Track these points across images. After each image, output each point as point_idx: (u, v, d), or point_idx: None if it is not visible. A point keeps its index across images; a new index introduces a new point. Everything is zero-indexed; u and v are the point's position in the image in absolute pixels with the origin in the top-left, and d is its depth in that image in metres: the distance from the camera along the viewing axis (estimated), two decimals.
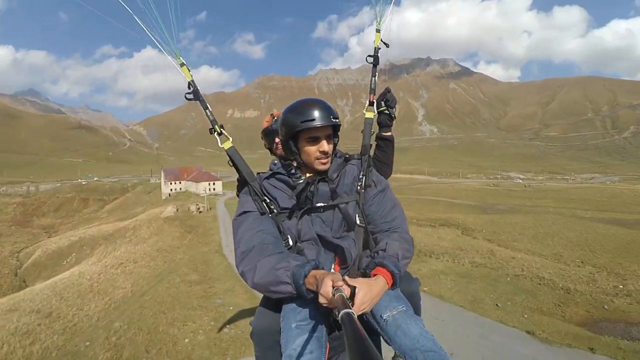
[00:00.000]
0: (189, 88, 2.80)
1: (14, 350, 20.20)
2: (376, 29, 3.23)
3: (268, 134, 3.51)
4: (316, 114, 2.27)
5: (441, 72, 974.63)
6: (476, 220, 39.28)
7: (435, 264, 21.36)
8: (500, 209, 51.18)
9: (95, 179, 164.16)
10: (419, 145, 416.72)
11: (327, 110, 2.33)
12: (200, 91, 2.82)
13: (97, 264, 39.87)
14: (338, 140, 2.57)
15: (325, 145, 2.35)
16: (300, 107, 2.35)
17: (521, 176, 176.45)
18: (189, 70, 2.82)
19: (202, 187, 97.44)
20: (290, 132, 2.35)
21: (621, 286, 19.64)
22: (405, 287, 2.27)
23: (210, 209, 63.05)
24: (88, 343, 18.34)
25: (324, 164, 2.39)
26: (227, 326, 15.71)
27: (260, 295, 2.27)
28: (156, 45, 2.75)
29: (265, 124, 3.42)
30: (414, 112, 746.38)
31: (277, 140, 3.49)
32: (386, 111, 3.20)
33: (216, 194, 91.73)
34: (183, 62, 2.83)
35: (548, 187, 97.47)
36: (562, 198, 64.85)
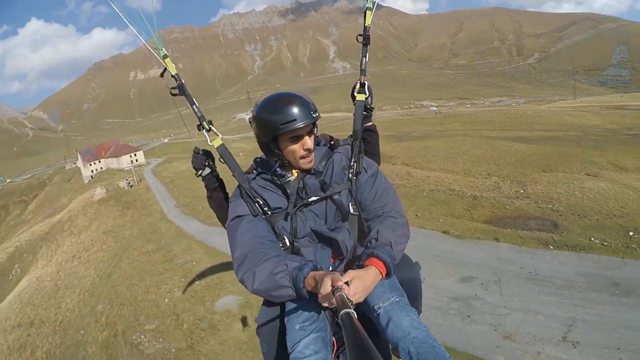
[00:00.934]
0: (176, 81, 2.75)
1: None
2: (367, 7, 3.03)
3: None
4: (297, 112, 2.20)
5: (350, 8, 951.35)
6: (394, 148, 42.01)
7: None
8: (415, 136, 54.58)
9: (8, 180, 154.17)
10: (333, 83, 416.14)
11: (307, 106, 2.26)
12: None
13: (49, 265, 39.09)
14: (317, 131, 2.50)
15: (308, 143, 2.30)
16: (278, 106, 2.27)
17: (433, 104, 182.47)
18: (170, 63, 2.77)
19: (125, 161, 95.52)
20: (271, 134, 2.28)
21: (522, 190, 22.61)
22: (405, 274, 2.36)
23: (140, 180, 62.11)
24: (82, 332, 19.81)
25: (310, 161, 2.36)
26: (197, 279, 17.01)
27: None
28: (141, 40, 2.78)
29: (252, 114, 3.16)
30: (325, 50, 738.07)
31: None
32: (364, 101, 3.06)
33: (140, 165, 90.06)
34: (166, 54, 2.75)
35: (457, 112, 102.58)
36: (470, 121, 69.00)
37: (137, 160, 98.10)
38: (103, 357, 17.32)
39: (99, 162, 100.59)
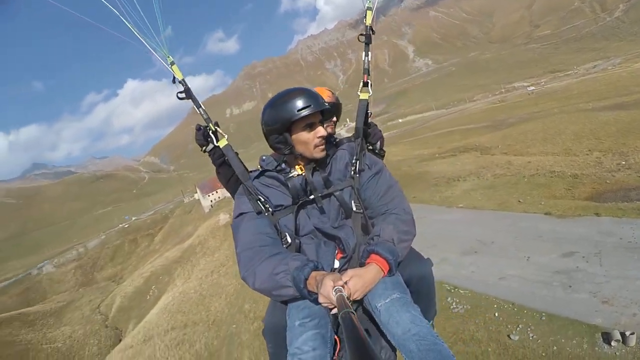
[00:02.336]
0: (182, 86, 2.84)
1: (183, 356, 24.13)
2: (367, 7, 3.04)
3: None
4: (308, 100, 2.26)
5: (417, 4, 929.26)
6: (491, 138, 41.52)
7: (464, 185, 24.24)
8: (510, 122, 52.87)
9: (133, 218, 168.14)
10: (418, 83, 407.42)
11: (316, 95, 2.34)
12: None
13: (190, 281, 42.52)
14: (325, 115, 2.54)
15: (322, 130, 2.34)
16: (291, 97, 2.31)
17: (526, 84, 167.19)
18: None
19: None
20: (286, 124, 2.31)
21: (623, 162, 22.44)
22: (415, 270, 2.33)
23: None
24: (234, 325, 22.40)
25: (323, 150, 2.38)
26: None
27: None
28: (145, 51, 2.82)
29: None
30: (404, 51, 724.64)
31: None
32: (369, 147, 3.13)
33: None
34: (173, 61, 2.86)
35: (550, 88, 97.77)
36: (565, 96, 66.10)
37: None
38: (256, 342, 19.43)
39: (216, 192, 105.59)
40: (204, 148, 2.89)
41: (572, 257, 12.63)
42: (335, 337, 2.08)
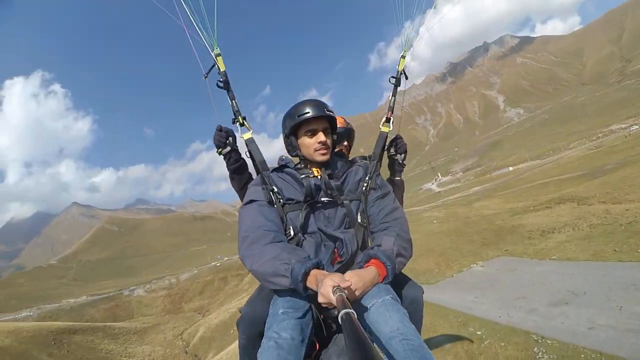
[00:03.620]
0: (221, 77, 3.05)
1: None
2: (401, 56, 3.48)
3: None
4: (310, 107, 2.51)
5: (502, 52, 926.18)
6: (588, 187, 38.84)
7: (558, 237, 23.28)
8: (607, 169, 49.79)
9: (225, 258, 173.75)
10: (510, 134, 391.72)
11: (321, 104, 2.56)
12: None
13: None
14: (337, 137, 2.78)
15: (322, 136, 2.54)
16: (296, 106, 2.59)
17: (622, 125, 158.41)
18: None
19: None
20: (291, 128, 2.58)
21: None
22: (409, 294, 2.39)
23: None
24: None
25: (323, 154, 2.57)
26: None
27: None
28: (194, 38, 2.98)
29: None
30: (493, 102, 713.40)
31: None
32: (396, 157, 3.43)
33: None
34: (219, 53, 3.05)
35: None
36: None
37: None
38: None
39: None
40: (220, 150, 3.10)
41: None
42: (314, 338, 2.17)
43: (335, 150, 3.01)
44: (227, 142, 3.07)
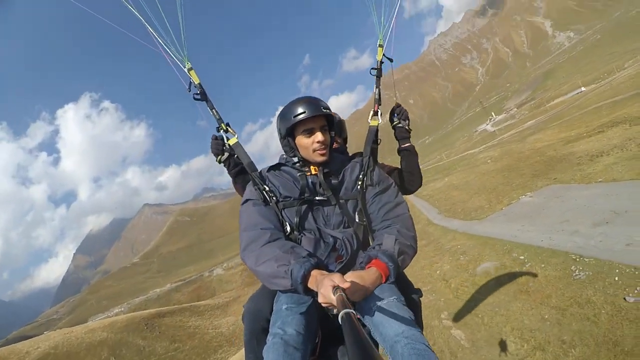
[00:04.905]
0: (197, 89, 3.09)
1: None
2: (378, 44, 3.34)
3: None
4: (305, 107, 2.43)
5: None
6: None
7: (606, 159, 22.95)
8: None
9: None
10: (562, 60, 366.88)
11: (316, 102, 2.48)
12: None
13: None
14: (334, 134, 2.72)
15: (319, 136, 2.48)
16: (289, 106, 2.50)
17: None
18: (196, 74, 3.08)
19: None
20: (286, 129, 2.51)
21: None
22: (406, 293, 2.41)
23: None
24: None
25: (322, 154, 2.51)
26: (461, 256, 18.23)
27: None
28: (166, 54, 3.07)
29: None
30: (540, 28, 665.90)
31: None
32: (399, 125, 3.38)
33: None
34: (191, 67, 3.10)
35: None
36: None
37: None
38: None
39: None
40: (219, 158, 3.17)
41: None
42: (319, 332, 2.16)
43: (333, 147, 2.90)
44: (224, 148, 3.16)
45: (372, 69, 3.33)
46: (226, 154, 3.14)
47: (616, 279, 9.83)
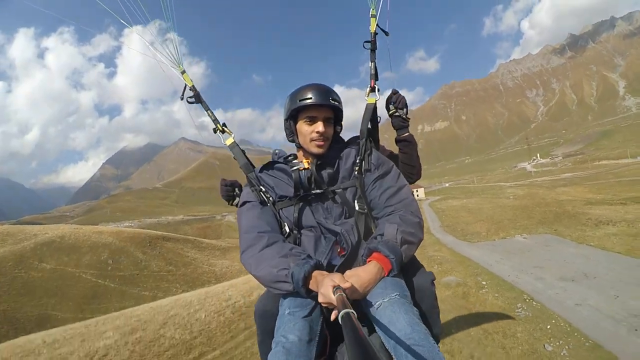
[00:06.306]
0: (191, 92, 3.01)
1: None
2: (370, 15, 3.03)
3: None
4: (313, 93, 2.29)
5: (631, 30, 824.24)
6: None
7: (610, 229, 23.46)
8: None
9: None
10: (624, 125, 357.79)
11: (326, 92, 2.33)
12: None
13: None
14: (341, 129, 2.54)
15: (320, 126, 2.32)
16: (300, 89, 2.36)
17: None
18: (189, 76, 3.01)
19: None
20: (290, 112, 2.38)
21: None
22: (414, 281, 2.21)
23: (419, 208, 70.83)
24: None
25: (319, 146, 2.36)
26: (436, 265, 19.23)
27: None
28: (159, 58, 2.98)
29: None
30: (614, 86, 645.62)
31: None
32: (396, 113, 3.13)
33: (420, 200, 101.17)
34: (184, 70, 3.03)
35: None
36: None
37: (417, 195, 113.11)
38: None
39: None
40: (230, 202, 3.05)
41: None
42: (327, 332, 2.11)
43: None
44: (235, 193, 3.06)
45: (366, 41, 3.01)
46: (237, 199, 3.02)
47: (548, 327, 10.90)
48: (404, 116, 3.11)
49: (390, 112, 3.13)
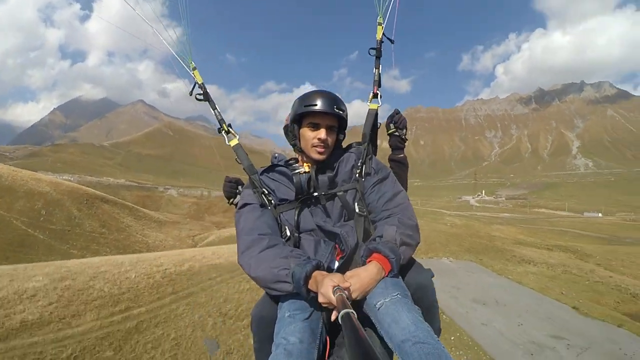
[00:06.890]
0: (200, 89, 3.03)
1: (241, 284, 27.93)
2: (378, 22, 3.07)
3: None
4: (320, 101, 2.31)
5: (596, 97, 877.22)
6: (596, 248, 40.05)
7: (531, 268, 25.13)
8: (626, 242, 50.55)
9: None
10: (570, 181, 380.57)
11: (332, 100, 2.34)
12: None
13: None
14: (344, 137, 2.58)
15: (323, 133, 2.34)
16: (308, 94, 2.41)
17: None
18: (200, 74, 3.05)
19: None
20: (295, 116, 2.40)
21: None
22: (414, 278, 2.22)
23: None
24: None
25: (320, 152, 2.38)
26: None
27: None
28: (171, 53, 2.99)
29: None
30: (568, 144, 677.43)
31: None
32: (396, 133, 3.17)
33: None
34: (195, 67, 3.09)
35: None
36: None
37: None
38: None
39: None
40: (231, 200, 3.00)
41: (559, 341, 12.89)
42: (327, 336, 2.06)
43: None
44: (238, 191, 3.01)
45: (371, 48, 3.02)
46: (238, 197, 2.95)
47: (452, 338, 11.91)
48: (402, 136, 3.17)
49: (390, 131, 3.18)
